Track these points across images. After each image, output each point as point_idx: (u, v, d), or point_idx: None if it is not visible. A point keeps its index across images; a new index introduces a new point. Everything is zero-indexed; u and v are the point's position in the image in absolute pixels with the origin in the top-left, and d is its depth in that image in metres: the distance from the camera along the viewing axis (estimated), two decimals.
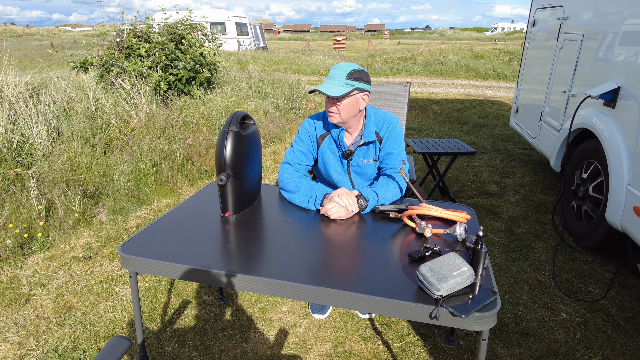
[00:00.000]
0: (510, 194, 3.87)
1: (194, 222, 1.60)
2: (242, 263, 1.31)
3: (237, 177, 1.60)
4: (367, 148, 1.87)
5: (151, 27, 5.19)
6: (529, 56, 4.38)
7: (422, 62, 14.61)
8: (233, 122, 1.59)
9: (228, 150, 1.55)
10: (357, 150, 1.88)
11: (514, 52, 16.62)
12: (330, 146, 1.92)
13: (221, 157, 1.56)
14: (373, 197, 1.70)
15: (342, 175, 1.95)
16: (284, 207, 1.76)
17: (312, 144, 1.95)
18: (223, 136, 1.56)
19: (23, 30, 67.86)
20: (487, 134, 6.17)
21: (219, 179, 1.56)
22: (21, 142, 3.47)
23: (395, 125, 1.89)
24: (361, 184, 1.95)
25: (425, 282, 1.16)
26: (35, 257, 2.64)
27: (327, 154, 1.92)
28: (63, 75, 5.10)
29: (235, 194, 1.62)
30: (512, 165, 4.70)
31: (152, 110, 4.26)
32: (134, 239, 1.47)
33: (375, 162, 1.90)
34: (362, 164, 1.89)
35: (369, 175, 1.94)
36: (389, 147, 1.87)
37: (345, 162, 1.92)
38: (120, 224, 3.06)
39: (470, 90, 10.35)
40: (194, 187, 3.78)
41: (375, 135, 1.86)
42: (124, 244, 1.43)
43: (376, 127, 1.87)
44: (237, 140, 1.58)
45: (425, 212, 1.55)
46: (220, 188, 1.60)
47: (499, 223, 3.29)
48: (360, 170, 1.92)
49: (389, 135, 1.88)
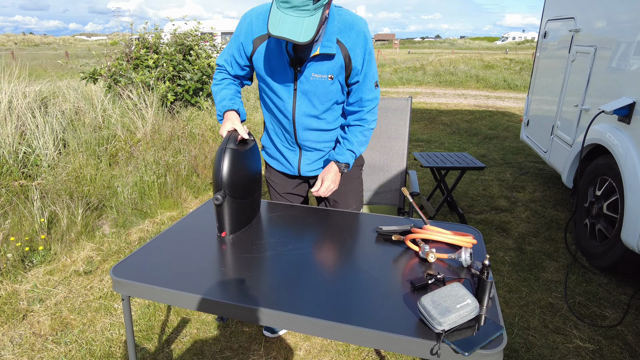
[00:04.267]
0: (521, 209, 3.77)
1: (190, 243, 1.55)
2: (237, 290, 1.26)
3: (234, 196, 1.55)
4: (322, 60, 1.50)
5: (160, 38, 5.23)
6: (540, 68, 4.30)
7: (432, 72, 14.55)
8: (231, 139, 1.55)
9: (225, 168, 1.50)
10: (309, 62, 1.50)
11: (525, 62, 16.48)
12: (276, 47, 1.51)
13: (218, 176, 1.51)
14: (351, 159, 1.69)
15: (284, 89, 1.57)
16: (282, 226, 1.70)
17: (247, 45, 1.54)
18: (220, 154, 1.52)
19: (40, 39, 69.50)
20: (497, 146, 6.06)
21: (214, 199, 1.51)
22: (28, 153, 3.48)
23: (364, 34, 1.50)
24: (305, 109, 1.61)
25: (427, 315, 1.09)
26: (35, 270, 2.62)
27: (271, 57, 1.52)
28: (73, 86, 5.15)
29: (232, 213, 1.57)
30: (522, 179, 4.60)
31: (158, 121, 4.26)
32: (127, 261, 1.42)
33: (331, 79, 1.53)
34: (313, 79, 1.52)
35: (318, 96, 1.57)
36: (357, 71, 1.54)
37: (292, 72, 1.53)
38: (123, 238, 3.03)
39: (481, 100, 10.25)
40: (199, 199, 3.75)
41: (338, 46, 1.48)
42: (116, 267, 1.38)
43: (339, 34, 1.48)
44: (234, 159, 1.53)
45: (429, 236, 1.48)
46: (217, 207, 1.55)
47: (509, 240, 3.19)
48: (308, 88, 1.55)
49: (357, 50, 1.49)
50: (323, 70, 1.52)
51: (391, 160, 2.59)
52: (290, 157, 1.78)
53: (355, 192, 1.92)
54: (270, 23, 1.30)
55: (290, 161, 1.79)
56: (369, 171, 2.61)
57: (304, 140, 1.72)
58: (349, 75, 1.57)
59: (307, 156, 1.78)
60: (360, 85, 1.60)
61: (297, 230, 1.67)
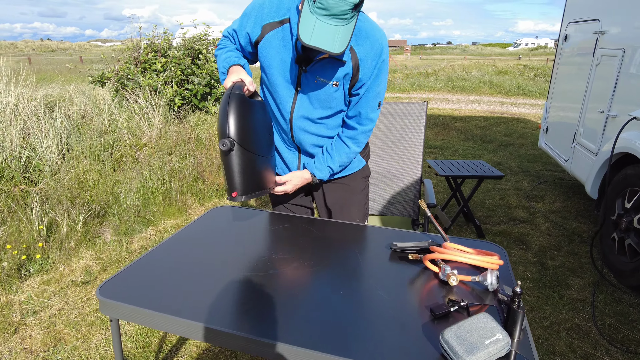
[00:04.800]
0: (541, 220, 3.58)
1: (188, 258, 1.42)
2: (235, 316, 1.12)
3: (244, 147, 1.35)
4: (330, 64, 1.36)
5: (169, 41, 5.17)
6: (560, 73, 4.11)
7: (444, 78, 14.35)
8: (236, 87, 1.36)
9: (232, 113, 1.30)
10: (316, 63, 1.36)
11: (540, 68, 16.21)
12: (285, 39, 1.38)
13: (224, 121, 1.30)
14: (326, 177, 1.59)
15: (286, 86, 1.44)
16: (286, 240, 1.57)
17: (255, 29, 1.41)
18: (226, 99, 1.32)
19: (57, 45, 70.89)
20: (513, 153, 5.87)
21: (221, 143, 1.30)
22: (31, 157, 3.40)
23: (380, 47, 1.36)
24: (304, 111, 1.48)
25: (451, 352, 0.94)
26: (32, 280, 2.51)
27: (279, 48, 1.39)
28: (81, 90, 5.11)
29: (243, 166, 1.36)
30: (541, 188, 4.40)
31: (165, 126, 4.17)
32: (116, 279, 1.29)
33: (336, 87, 1.40)
34: (317, 82, 1.40)
35: (320, 101, 1.44)
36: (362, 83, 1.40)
37: (296, 70, 1.40)
38: (124, 246, 2.92)
39: (495, 107, 10.03)
40: (204, 206, 3.64)
41: (350, 53, 1.35)
42: (103, 285, 1.26)
43: (353, 41, 1.34)
44: (243, 105, 1.34)
45: (451, 257, 1.33)
46: (224, 157, 1.34)
47: (529, 254, 3.01)
48: (311, 90, 1.42)
49: (368, 62, 1.36)
50: (328, 75, 1.39)
51: (405, 168, 2.44)
52: (290, 159, 1.65)
53: (359, 206, 1.77)
54: (302, 29, 1.17)
55: (289, 164, 1.66)
56: (380, 180, 2.46)
57: (302, 142, 1.58)
58: (352, 86, 1.43)
59: (307, 160, 1.64)
60: (361, 99, 1.47)
61: (303, 245, 1.53)
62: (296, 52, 1.37)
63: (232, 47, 1.53)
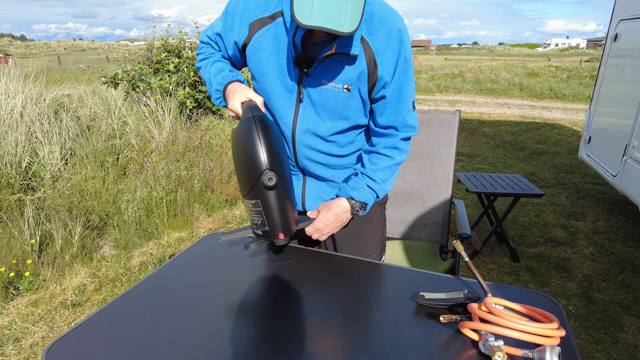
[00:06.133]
0: (583, 242, 3.19)
1: (161, 309, 1.15)
2: None
3: (282, 177, 1.09)
4: (338, 63, 1.08)
5: (183, 41, 4.97)
6: (608, 75, 3.70)
7: (471, 80, 13.82)
8: (253, 108, 1.10)
9: (265, 139, 1.04)
10: (320, 63, 1.08)
11: (573, 70, 15.44)
12: (279, 37, 1.10)
13: (257, 150, 1.03)
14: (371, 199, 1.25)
15: (285, 96, 1.16)
16: (287, 283, 1.28)
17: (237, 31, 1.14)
18: (249, 123, 1.06)
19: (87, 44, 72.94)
20: (548, 163, 5.43)
21: (266, 179, 1.04)
22: (33, 163, 3.24)
23: (399, 33, 1.07)
24: (309, 124, 1.18)
25: None
26: (19, 300, 2.32)
27: (272, 49, 1.11)
28: (97, 90, 4.97)
29: (287, 200, 1.12)
30: (581, 204, 3.99)
31: (175, 130, 3.96)
32: (67, 338, 1.04)
33: (348, 91, 1.11)
34: (323, 87, 1.11)
35: (329, 111, 1.15)
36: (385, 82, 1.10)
37: (296, 74, 1.12)
38: (122, 262, 2.70)
39: (526, 111, 9.51)
40: (212, 217, 3.40)
41: (362, 46, 1.06)
42: (51, 347, 1.00)
43: (366, 30, 1.06)
44: (270, 129, 1.08)
45: (497, 329, 1.01)
46: (267, 193, 1.08)
47: (572, 284, 2.64)
48: (317, 98, 1.13)
49: (387, 54, 1.07)
50: (337, 77, 1.10)
51: (433, 186, 2.12)
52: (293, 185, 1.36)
53: (375, 237, 1.47)
54: (298, 8, 0.88)
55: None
56: (404, 199, 2.16)
57: (308, 164, 1.28)
58: (372, 87, 1.13)
59: (313, 186, 1.35)
60: (388, 102, 1.16)
61: (307, 290, 1.23)
62: (294, 50, 1.07)
63: (218, 55, 1.26)
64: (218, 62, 1.25)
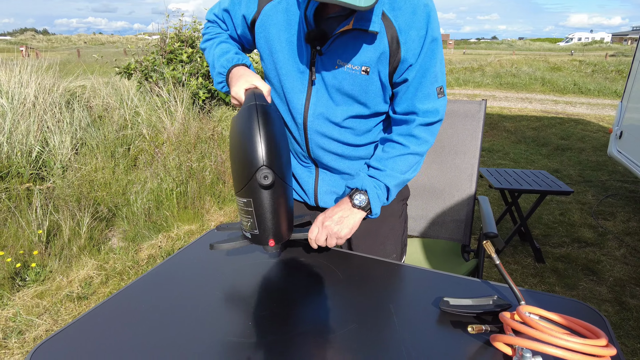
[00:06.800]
0: (613, 244, 3.01)
1: (159, 311, 1.05)
2: None
3: (281, 177, 0.97)
4: (356, 41, 0.96)
5: (197, 31, 4.88)
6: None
7: (491, 74, 13.47)
8: (258, 96, 0.97)
9: (265, 132, 0.92)
10: (335, 40, 0.97)
11: (598, 64, 14.92)
12: (290, 11, 1.00)
13: (255, 143, 0.91)
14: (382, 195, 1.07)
15: (296, 77, 1.05)
16: (297, 283, 1.17)
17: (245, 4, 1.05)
18: (251, 112, 0.93)
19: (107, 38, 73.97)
20: (572, 159, 5.20)
21: (262, 176, 0.91)
22: (43, 152, 3.20)
23: (426, 8, 0.95)
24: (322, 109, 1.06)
25: None
26: (25, 291, 2.27)
27: (282, 25, 1.01)
28: (112, 81, 4.94)
29: (283, 203, 1.00)
30: (609, 203, 3.78)
31: (187, 121, 3.88)
32: (57, 338, 0.95)
33: (366, 74, 0.99)
34: (338, 68, 1.00)
35: (344, 94, 1.03)
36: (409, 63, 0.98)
37: (309, 52, 1.02)
38: (130, 255, 2.63)
39: (548, 106, 9.20)
40: (223, 210, 3.32)
41: (383, 22, 0.94)
42: (37, 349, 0.91)
43: (388, 6, 0.94)
44: (273, 121, 0.95)
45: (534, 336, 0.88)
46: (261, 193, 0.96)
47: (602, 287, 2.48)
48: (331, 81, 1.02)
49: (412, 32, 0.94)
50: (355, 57, 0.97)
51: (456, 181, 1.98)
52: (305, 178, 1.23)
53: (396, 236, 1.34)
54: None
55: (303, 184, 1.24)
56: (424, 195, 2.03)
57: (320, 154, 1.15)
58: (394, 70, 1.00)
59: (326, 179, 1.21)
60: (410, 86, 1.02)
61: (318, 292, 1.12)
62: (306, 25, 0.96)
63: (225, 35, 1.15)
64: (224, 43, 1.14)
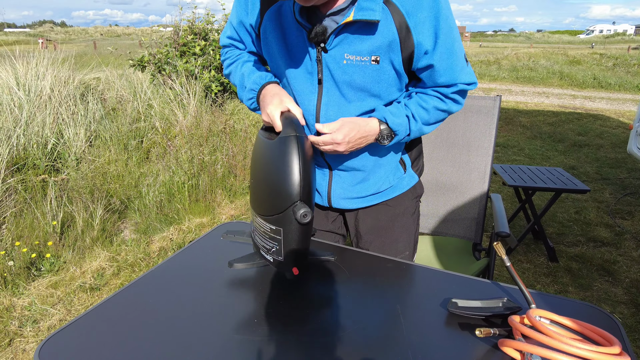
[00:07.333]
0: (630, 244, 2.94)
1: (164, 307, 1.06)
2: None
3: (312, 210, 0.97)
4: (361, 33, 0.93)
5: (211, 23, 4.89)
6: None
7: (508, 67, 13.22)
8: (297, 126, 0.94)
9: (304, 167, 0.91)
10: (338, 34, 0.94)
11: (619, 57, 14.52)
12: (287, 16, 0.98)
13: (294, 177, 0.90)
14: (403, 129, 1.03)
15: (305, 78, 1.02)
16: (303, 282, 1.16)
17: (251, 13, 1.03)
18: (291, 144, 0.91)
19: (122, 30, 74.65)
20: (590, 156, 5.08)
21: (301, 215, 0.91)
22: (58, 144, 3.24)
23: None
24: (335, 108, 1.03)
25: None
26: (40, 281, 2.31)
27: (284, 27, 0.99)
28: (125, 74, 4.98)
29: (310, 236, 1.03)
30: (627, 201, 3.69)
31: (199, 114, 3.90)
32: (69, 329, 0.96)
33: (376, 63, 0.95)
34: (347, 63, 0.96)
35: (356, 89, 1.00)
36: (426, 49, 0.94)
37: (314, 52, 0.98)
38: (142, 247, 2.67)
39: (566, 100, 8.99)
40: (234, 204, 3.33)
41: (387, 8, 0.90)
42: (44, 344, 0.93)
43: None
44: (310, 157, 0.95)
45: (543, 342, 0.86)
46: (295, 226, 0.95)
47: (617, 289, 2.42)
48: (341, 77, 0.99)
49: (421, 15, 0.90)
50: (363, 48, 0.93)
51: (468, 178, 1.95)
52: (318, 180, 1.22)
53: (408, 233, 1.32)
54: None
55: (317, 186, 1.23)
56: (436, 191, 2.00)
57: (333, 155, 1.12)
58: (410, 57, 0.96)
59: (340, 180, 1.20)
60: (439, 69, 0.98)
61: (325, 291, 1.11)
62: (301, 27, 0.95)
63: (245, 55, 1.15)
64: (248, 63, 1.14)
